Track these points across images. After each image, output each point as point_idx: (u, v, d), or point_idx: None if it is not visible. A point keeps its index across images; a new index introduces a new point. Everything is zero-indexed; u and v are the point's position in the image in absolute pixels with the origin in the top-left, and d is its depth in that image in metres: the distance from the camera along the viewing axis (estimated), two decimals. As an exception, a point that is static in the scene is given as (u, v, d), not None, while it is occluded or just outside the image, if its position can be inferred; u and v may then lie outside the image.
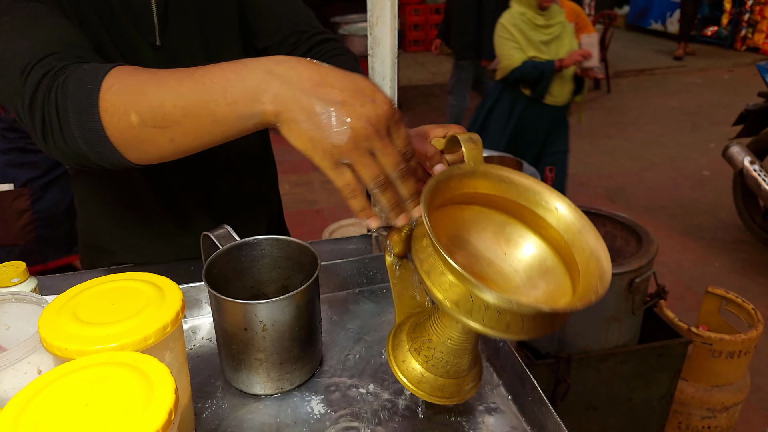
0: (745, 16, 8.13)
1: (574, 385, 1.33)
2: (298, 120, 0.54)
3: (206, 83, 0.57)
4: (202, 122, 0.58)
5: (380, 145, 0.54)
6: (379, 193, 0.57)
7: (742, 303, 1.90)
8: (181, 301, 0.64)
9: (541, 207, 0.63)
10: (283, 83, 0.54)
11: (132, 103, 0.60)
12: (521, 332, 0.56)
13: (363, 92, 0.55)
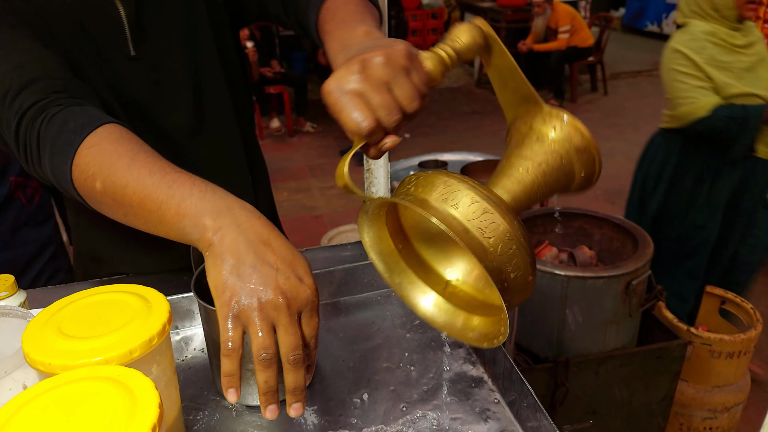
0: (740, 15, 8.15)
1: (573, 389, 1.32)
2: (224, 260, 0.55)
3: (170, 186, 0.60)
4: (151, 216, 0.61)
5: (285, 322, 0.54)
6: (261, 370, 0.55)
7: (741, 302, 1.89)
8: (168, 313, 0.63)
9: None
10: (233, 224, 0.57)
11: (101, 171, 0.63)
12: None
13: (296, 269, 0.56)
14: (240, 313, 0.54)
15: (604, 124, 5.60)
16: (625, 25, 9.69)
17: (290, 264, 0.56)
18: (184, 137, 0.94)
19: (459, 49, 0.59)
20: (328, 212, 3.93)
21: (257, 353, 0.54)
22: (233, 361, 0.55)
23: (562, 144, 0.59)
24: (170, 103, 0.92)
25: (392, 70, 0.54)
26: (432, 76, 0.58)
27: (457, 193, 0.53)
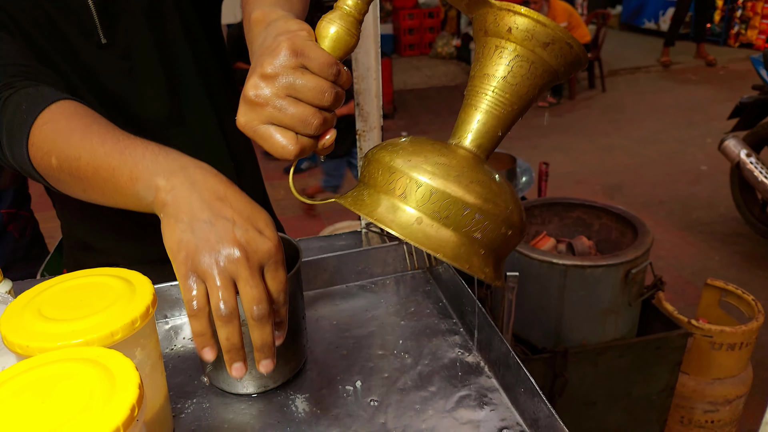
0: (737, 12, 8.14)
1: (572, 380, 1.30)
2: (178, 219, 0.53)
3: (123, 153, 0.58)
4: (107, 186, 0.59)
5: (245, 275, 0.51)
6: (222, 326, 0.52)
7: (742, 294, 1.87)
8: (152, 296, 0.61)
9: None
10: (186, 182, 0.54)
11: (55, 147, 0.62)
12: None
13: (255, 222, 0.54)
14: (197, 270, 0.52)
15: (602, 120, 5.59)
16: (622, 23, 9.68)
17: (248, 218, 0.54)
18: (162, 127, 0.91)
19: None
20: (325, 210, 3.92)
21: (216, 308, 0.51)
22: (201, 321, 0.53)
23: (524, 46, 0.51)
24: (145, 93, 0.89)
25: (287, 75, 0.50)
26: (341, 44, 0.53)
27: (400, 181, 0.50)
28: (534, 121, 5.59)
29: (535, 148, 5.00)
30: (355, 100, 1.10)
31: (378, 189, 0.52)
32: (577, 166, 4.55)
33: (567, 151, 4.86)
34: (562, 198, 1.50)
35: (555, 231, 1.60)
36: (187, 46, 0.91)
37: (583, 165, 4.58)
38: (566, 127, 5.42)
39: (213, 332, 0.53)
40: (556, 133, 5.23)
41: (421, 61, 8.21)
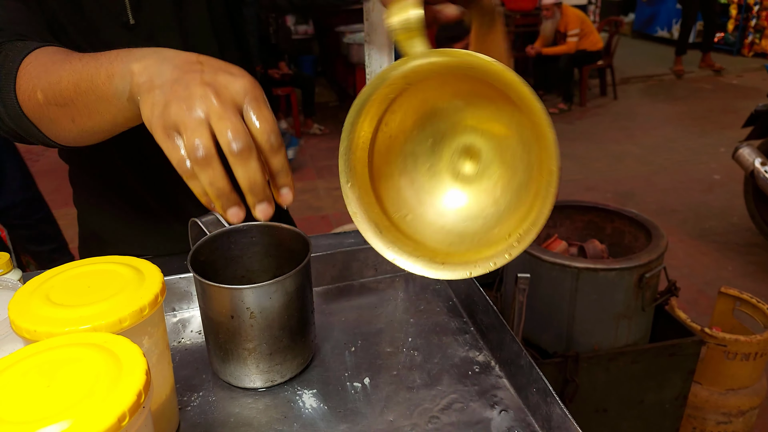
0: (751, 21, 8.08)
1: (583, 386, 1.28)
2: (152, 89, 0.49)
3: (98, 58, 0.55)
4: (89, 99, 0.56)
5: (216, 110, 0.47)
6: (201, 170, 0.47)
7: (757, 303, 1.84)
8: (162, 284, 0.60)
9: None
10: (159, 58, 0.51)
11: (39, 81, 0.60)
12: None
13: (227, 69, 0.50)
14: (170, 124, 0.48)
15: (614, 127, 5.55)
16: (635, 31, 9.65)
17: (220, 67, 0.50)
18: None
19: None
20: (334, 212, 3.91)
21: (191, 153, 0.47)
22: (197, 180, 0.49)
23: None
24: None
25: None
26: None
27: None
28: (545, 127, 5.56)
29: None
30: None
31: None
32: (587, 173, 4.52)
33: (578, 158, 4.83)
34: (574, 201, 1.48)
35: (566, 234, 1.58)
36: (211, 35, 0.91)
37: (594, 172, 4.55)
38: (577, 134, 5.39)
39: (230, 187, 0.50)
40: (566, 140, 5.20)
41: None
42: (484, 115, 0.61)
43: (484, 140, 0.61)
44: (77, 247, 1.12)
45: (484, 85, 0.57)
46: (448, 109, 0.62)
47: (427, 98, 0.61)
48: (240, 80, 0.49)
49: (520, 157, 0.59)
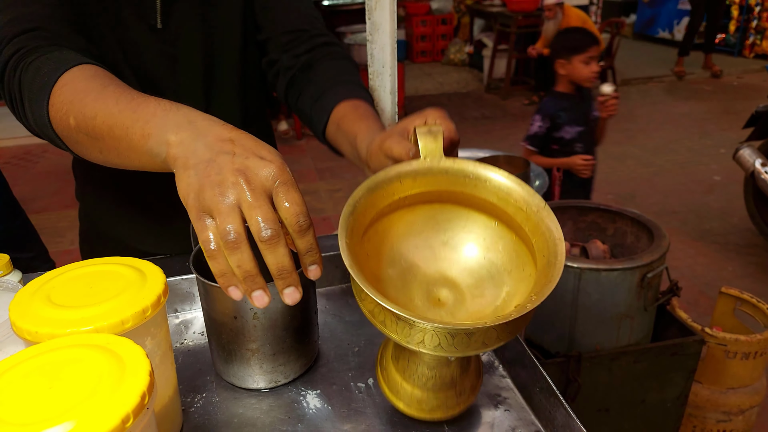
0: (752, 23, 8.08)
1: (585, 385, 1.28)
2: (187, 167, 0.52)
3: (136, 110, 0.58)
4: (121, 144, 0.59)
5: (246, 198, 0.50)
6: (229, 254, 0.50)
7: (757, 303, 1.83)
8: (164, 285, 0.60)
9: (474, 186, 0.59)
10: (193, 133, 0.54)
11: (73, 107, 0.63)
12: (473, 346, 0.51)
13: (257, 151, 0.53)
14: (204, 208, 0.51)
15: (615, 129, 5.54)
16: (636, 32, 9.64)
17: (250, 149, 0.52)
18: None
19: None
20: (335, 214, 3.91)
21: (224, 236, 0.50)
22: (219, 261, 0.51)
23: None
24: (181, 82, 0.91)
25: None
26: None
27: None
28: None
29: (546, 155, 4.97)
30: (370, 97, 1.09)
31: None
32: (588, 174, 4.51)
33: (579, 159, 4.82)
34: (576, 201, 1.48)
35: (569, 235, 1.58)
36: (232, 47, 0.92)
37: (596, 173, 4.54)
38: (578, 135, 5.38)
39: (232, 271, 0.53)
40: (567, 141, 5.20)
41: (433, 67, 8.22)
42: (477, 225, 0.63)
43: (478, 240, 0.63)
44: (78, 248, 1.12)
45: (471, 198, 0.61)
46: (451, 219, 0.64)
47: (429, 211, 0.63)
48: (270, 165, 0.51)
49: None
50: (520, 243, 0.59)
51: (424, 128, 0.58)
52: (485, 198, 0.59)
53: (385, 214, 0.60)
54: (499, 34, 6.57)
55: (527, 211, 0.57)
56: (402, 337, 0.52)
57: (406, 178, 0.58)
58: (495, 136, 5.46)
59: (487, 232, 0.61)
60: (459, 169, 0.58)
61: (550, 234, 0.55)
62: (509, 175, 0.58)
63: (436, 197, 0.61)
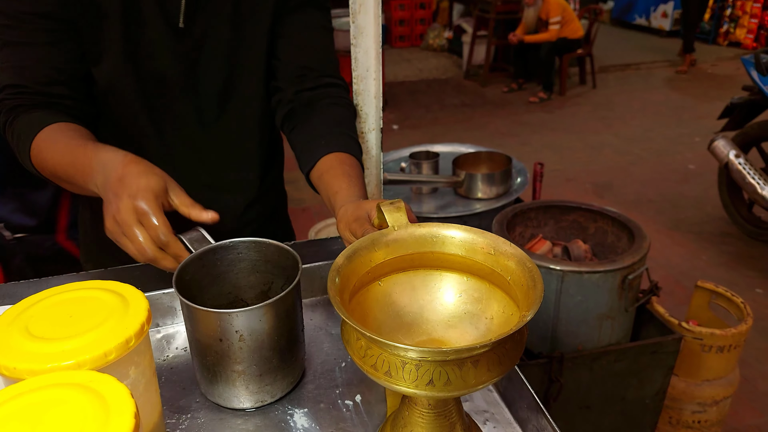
0: (726, 11, 8.18)
1: (568, 384, 1.29)
2: (104, 203, 0.74)
3: (77, 166, 0.79)
4: (76, 187, 0.83)
5: (126, 231, 0.71)
6: (143, 259, 0.72)
7: (732, 297, 1.88)
8: (147, 312, 0.58)
9: (442, 244, 0.65)
10: (104, 176, 0.75)
11: (45, 161, 0.83)
12: (463, 384, 0.51)
13: (132, 190, 0.71)
14: (117, 233, 0.72)
15: (593, 117, 5.60)
16: (614, 18, 9.70)
17: (128, 188, 0.71)
18: (196, 123, 0.94)
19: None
20: (315, 204, 3.88)
21: (140, 252, 0.71)
22: (155, 261, 0.72)
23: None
24: (198, 87, 0.92)
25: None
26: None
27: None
28: (525, 117, 5.59)
29: (525, 144, 4.99)
30: (354, 101, 1.08)
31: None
32: (567, 163, 4.55)
33: (557, 149, 4.86)
34: (558, 201, 1.49)
35: (551, 234, 1.59)
36: (257, 60, 0.94)
37: (574, 163, 4.59)
38: (557, 124, 5.42)
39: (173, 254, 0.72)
40: (546, 130, 5.23)
41: (412, 53, 8.16)
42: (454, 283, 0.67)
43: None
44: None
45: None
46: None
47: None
48: (135, 202, 0.70)
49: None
50: (495, 288, 0.63)
51: (387, 203, 0.66)
52: (454, 253, 0.64)
53: (364, 284, 0.62)
54: (479, 19, 6.54)
55: (495, 254, 0.62)
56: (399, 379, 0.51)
57: (379, 245, 0.63)
58: (474, 124, 5.46)
59: (461, 287, 0.65)
60: (425, 231, 0.65)
61: (521, 265, 0.58)
62: (470, 228, 0.64)
63: (408, 263, 0.65)
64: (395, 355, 0.51)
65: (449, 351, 0.48)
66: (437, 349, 0.49)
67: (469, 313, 0.64)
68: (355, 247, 0.62)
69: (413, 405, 0.60)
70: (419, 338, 0.63)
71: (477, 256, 0.63)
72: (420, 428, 0.60)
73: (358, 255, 0.61)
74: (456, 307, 0.64)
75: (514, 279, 0.59)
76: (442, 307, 0.65)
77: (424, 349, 0.49)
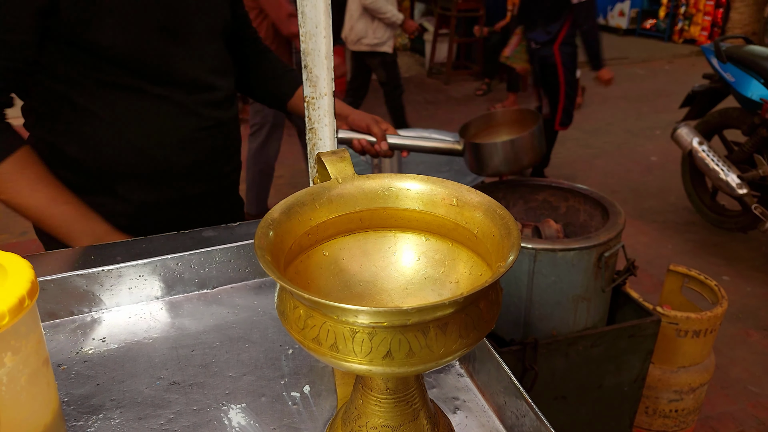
0: (681, 9, 8.38)
1: (542, 373, 1.21)
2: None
3: (44, 214, 0.91)
4: (40, 226, 0.94)
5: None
6: None
7: (705, 280, 1.83)
8: (30, 284, 0.46)
9: (396, 198, 0.55)
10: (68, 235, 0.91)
11: (7, 194, 0.89)
12: (447, 344, 0.41)
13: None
14: None
15: (555, 112, 5.61)
16: (572, 18, 9.83)
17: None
18: (196, 91, 0.99)
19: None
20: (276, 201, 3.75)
21: None
22: None
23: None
24: (193, 47, 0.98)
25: None
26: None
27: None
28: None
29: (490, 139, 4.96)
30: (303, 62, 0.96)
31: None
32: (532, 156, 4.53)
33: (522, 142, 4.84)
34: (527, 179, 1.41)
35: (520, 214, 1.51)
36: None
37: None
38: (520, 118, 5.41)
39: None
40: (510, 125, 5.21)
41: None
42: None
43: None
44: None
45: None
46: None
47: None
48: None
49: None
50: (459, 247, 0.53)
51: (329, 153, 0.57)
52: (410, 208, 0.54)
53: (304, 248, 0.52)
54: (440, 18, 6.51)
55: (458, 204, 0.52)
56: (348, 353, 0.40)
57: (321, 201, 0.53)
58: (438, 121, 5.41)
59: (420, 249, 0.55)
60: (376, 184, 0.54)
61: (490, 213, 0.49)
62: (429, 178, 0.54)
63: (357, 223, 0.54)
64: (342, 323, 0.40)
65: (411, 311, 0.38)
66: (395, 309, 0.38)
67: (431, 279, 0.53)
68: (291, 202, 0.51)
69: (368, 390, 0.49)
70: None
71: (438, 210, 0.53)
72: (377, 418, 0.49)
73: (296, 212, 0.50)
74: (415, 272, 0.54)
75: (482, 231, 0.49)
76: (399, 274, 0.54)
77: (379, 310, 0.38)
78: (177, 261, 0.74)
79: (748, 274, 2.98)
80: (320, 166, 0.56)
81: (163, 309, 0.74)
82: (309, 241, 0.52)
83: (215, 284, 0.77)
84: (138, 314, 0.73)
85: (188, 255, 0.74)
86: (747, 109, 2.96)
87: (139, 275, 0.73)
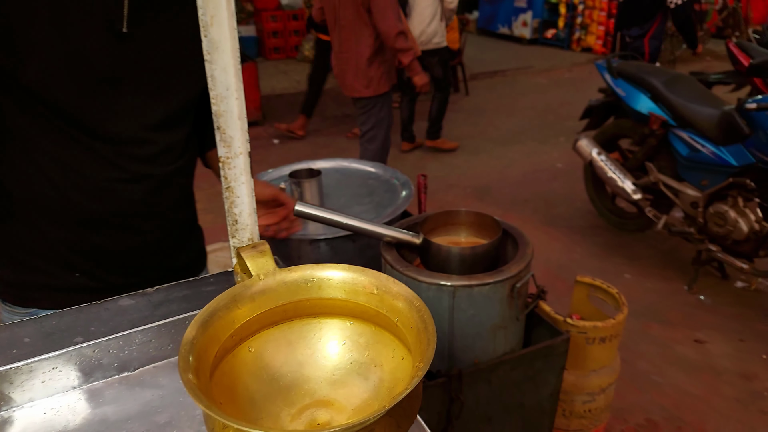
0: (578, 19, 8.96)
1: (468, 400, 1.27)
2: None
3: None
4: None
5: None
6: None
7: (608, 288, 1.99)
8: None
9: (318, 288, 0.57)
10: None
11: None
12: None
13: None
14: None
15: (467, 123, 5.83)
16: (479, 28, 10.26)
17: None
18: (124, 144, 0.95)
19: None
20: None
21: None
22: None
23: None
24: (134, 101, 0.93)
25: None
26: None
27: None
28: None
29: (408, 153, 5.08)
30: (215, 123, 0.96)
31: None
32: (448, 170, 4.68)
33: (438, 156, 5.00)
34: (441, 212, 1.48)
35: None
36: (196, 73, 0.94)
37: (454, 168, 4.73)
38: (435, 130, 5.57)
39: None
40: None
41: (288, 65, 8.04)
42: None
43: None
44: None
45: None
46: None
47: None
48: None
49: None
50: (382, 331, 0.56)
51: (248, 248, 0.57)
52: (333, 297, 0.56)
53: (228, 350, 0.52)
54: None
55: (379, 293, 0.54)
56: None
57: (243, 301, 0.54)
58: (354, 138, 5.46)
59: (344, 334, 0.57)
60: (298, 276, 0.56)
61: (407, 304, 0.52)
62: (350, 267, 0.57)
63: (281, 315, 0.56)
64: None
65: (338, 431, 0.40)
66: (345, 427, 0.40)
67: (356, 363, 0.56)
68: (211, 309, 0.52)
69: None
70: (301, 403, 0.54)
71: (359, 298, 0.55)
72: None
73: (217, 318, 0.51)
74: (340, 357, 0.57)
75: (402, 320, 0.52)
76: (325, 360, 0.56)
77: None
78: (93, 348, 0.71)
79: (648, 271, 3.24)
80: (239, 259, 0.58)
81: (81, 399, 0.71)
82: (233, 341, 0.53)
83: (137, 365, 0.76)
84: (54, 408, 0.70)
85: (105, 341, 0.72)
86: (637, 121, 3.23)
87: (52, 367, 0.70)
